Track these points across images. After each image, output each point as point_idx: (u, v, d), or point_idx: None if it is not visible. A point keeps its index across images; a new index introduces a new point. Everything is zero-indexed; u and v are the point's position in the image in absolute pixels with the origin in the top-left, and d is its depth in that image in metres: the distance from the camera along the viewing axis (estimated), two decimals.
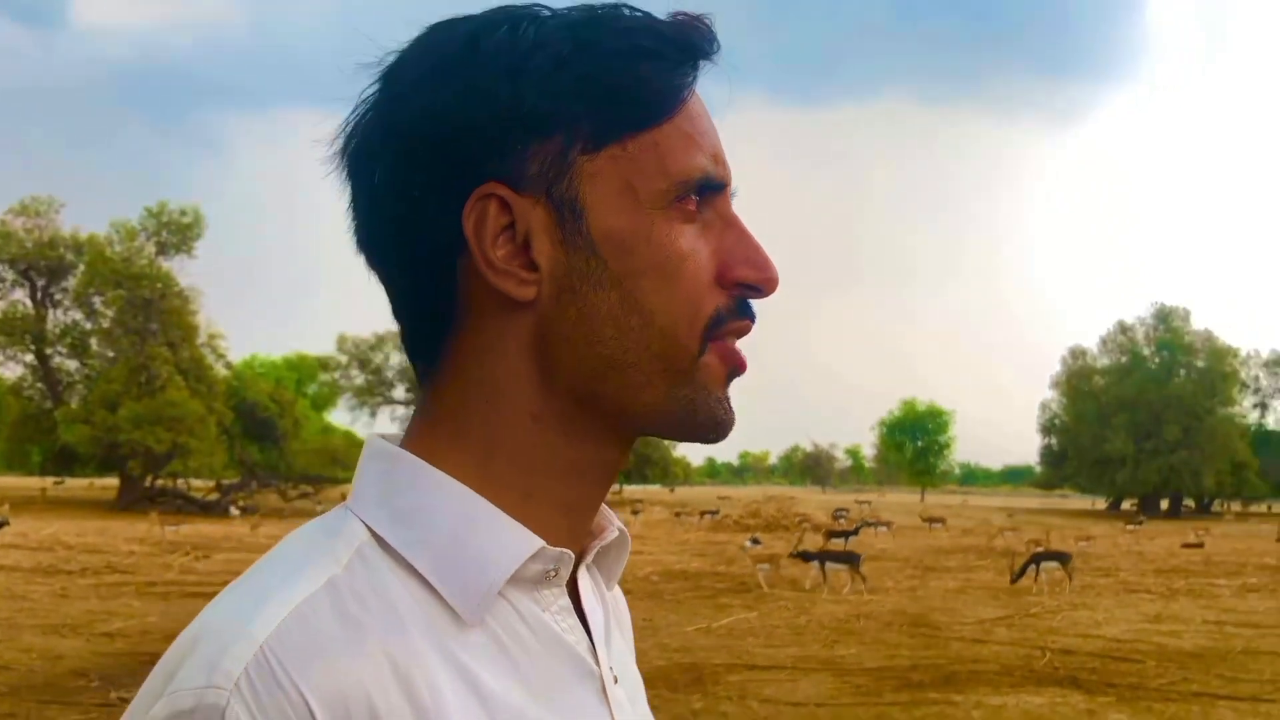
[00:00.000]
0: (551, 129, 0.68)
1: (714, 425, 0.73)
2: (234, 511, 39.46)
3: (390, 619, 0.65)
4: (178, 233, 47.31)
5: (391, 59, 0.72)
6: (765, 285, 0.73)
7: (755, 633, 13.39)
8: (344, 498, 0.74)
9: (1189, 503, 74.06)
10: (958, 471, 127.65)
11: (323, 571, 0.66)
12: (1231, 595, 18.46)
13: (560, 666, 0.71)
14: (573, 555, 0.73)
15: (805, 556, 19.01)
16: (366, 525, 0.69)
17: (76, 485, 64.21)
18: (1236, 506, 73.50)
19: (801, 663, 11.31)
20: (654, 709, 3.36)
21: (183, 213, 47.46)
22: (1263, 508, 73.81)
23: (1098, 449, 69.63)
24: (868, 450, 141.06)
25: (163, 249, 47.36)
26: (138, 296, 45.04)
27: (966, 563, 24.24)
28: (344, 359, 67.90)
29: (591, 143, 0.68)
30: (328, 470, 51.05)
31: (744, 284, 0.72)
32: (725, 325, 0.71)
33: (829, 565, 18.40)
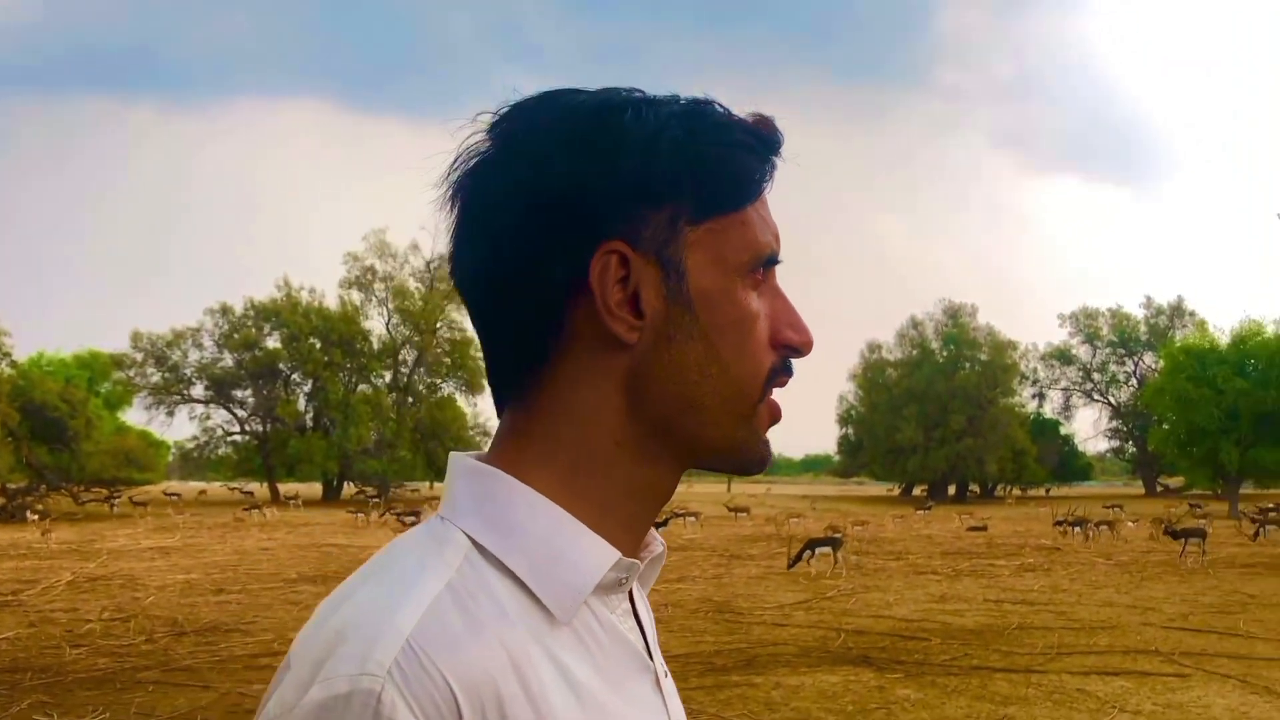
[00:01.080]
0: (665, 200, 0.80)
1: (758, 462, 0.86)
2: (31, 516, 37.15)
3: (501, 617, 0.74)
4: None
5: (505, 120, 0.83)
6: (805, 347, 0.86)
7: None
8: (130, 500, 0.84)
9: (974, 488, 78.32)
10: None
11: (441, 574, 0.74)
12: (1010, 575, 19.72)
13: (627, 661, 0.82)
14: (640, 565, 0.84)
15: None
16: (466, 534, 0.78)
17: None
18: (1017, 491, 77.95)
19: None
20: None
21: None
22: (1040, 491, 78.44)
23: (890, 438, 72.80)
24: None
25: None
26: None
27: (769, 550, 25.08)
28: (139, 356, 64.83)
29: (696, 216, 0.81)
30: (123, 472, 48.76)
31: (789, 345, 0.85)
32: (777, 379, 0.85)
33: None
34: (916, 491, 78.91)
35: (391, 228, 79.74)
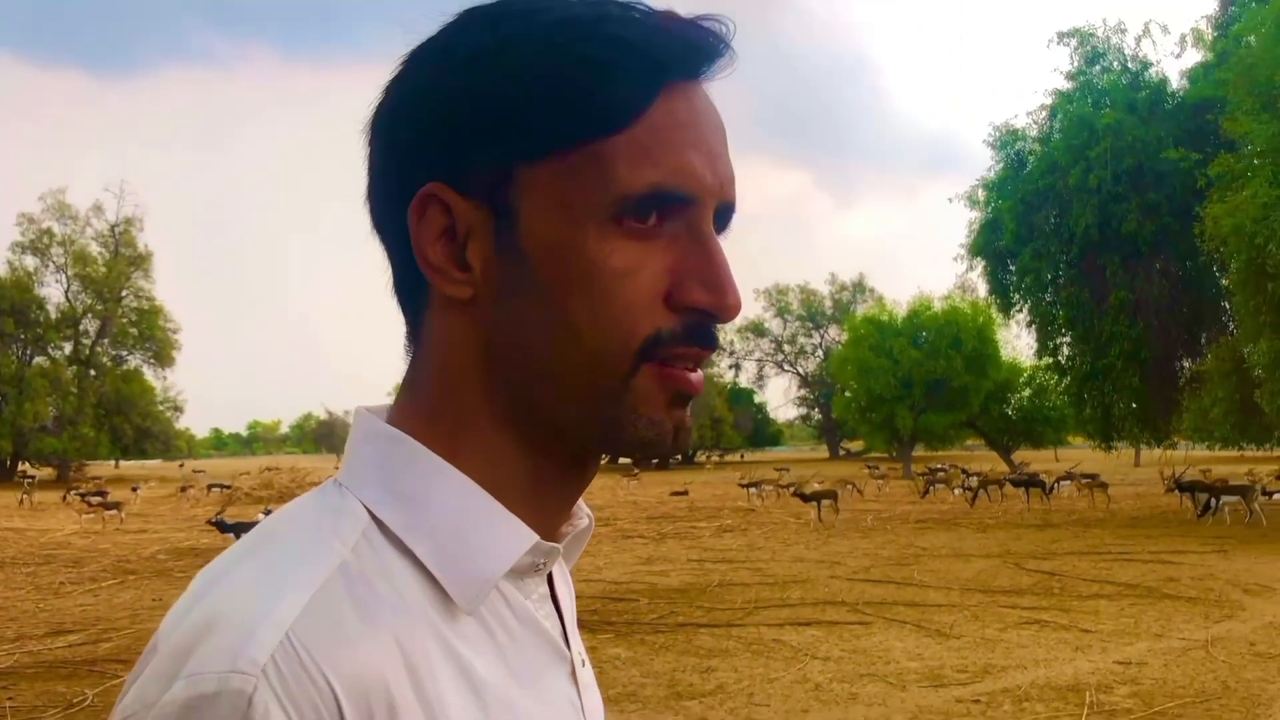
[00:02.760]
0: (495, 136, 0.68)
1: (642, 446, 0.71)
2: None
3: (397, 605, 0.65)
4: None
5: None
6: (719, 311, 0.70)
7: None
8: None
9: (677, 455, 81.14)
10: None
11: (334, 554, 0.65)
12: (711, 535, 20.72)
13: (540, 653, 0.73)
14: (559, 550, 0.75)
15: (221, 526, 18.73)
16: (365, 506, 0.68)
17: None
18: (715, 457, 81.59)
19: None
20: None
21: None
22: (736, 457, 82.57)
23: None
24: None
25: None
26: None
27: None
28: None
29: (532, 153, 0.68)
30: None
31: (694, 307, 0.69)
32: (666, 348, 0.69)
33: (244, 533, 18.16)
34: (622, 460, 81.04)
35: (71, 188, 74.17)
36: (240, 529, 17.86)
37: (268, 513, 20.94)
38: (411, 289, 0.74)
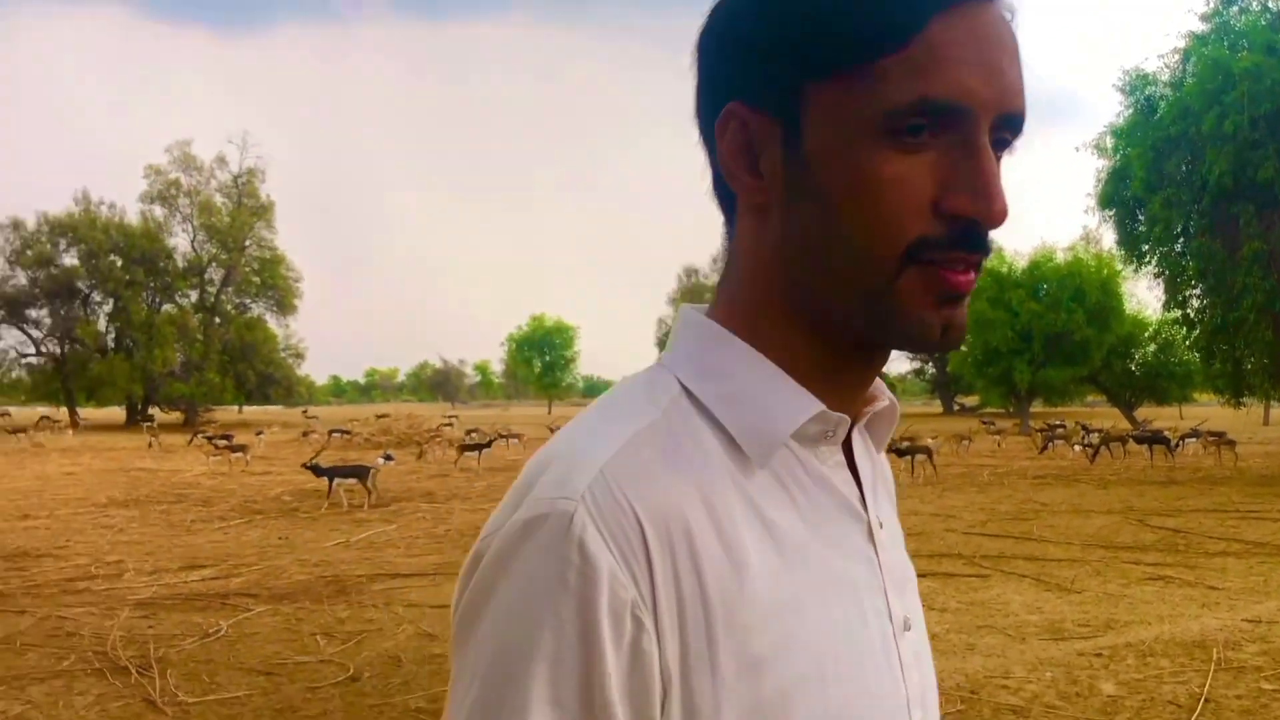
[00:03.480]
0: (786, 57, 0.77)
1: (908, 342, 0.80)
2: None
3: (699, 458, 0.77)
4: None
5: None
6: (983, 217, 0.76)
7: (395, 544, 13.58)
8: None
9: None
10: (581, 384, 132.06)
11: (647, 414, 0.78)
12: None
13: (832, 508, 0.83)
14: (848, 420, 0.84)
15: (316, 470, 18.82)
16: (679, 380, 0.81)
17: None
18: None
19: (443, 568, 11.64)
20: (298, 621, 3.73)
21: None
22: None
23: None
24: (496, 366, 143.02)
25: None
26: None
27: None
28: None
29: (817, 72, 0.76)
30: None
31: (959, 214, 0.75)
32: (933, 252, 0.76)
33: (338, 480, 18.41)
34: None
35: (197, 140, 76.35)
36: (335, 473, 18.34)
37: (388, 456, 21.62)
38: (725, 195, 0.85)
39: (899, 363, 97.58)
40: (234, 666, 7.62)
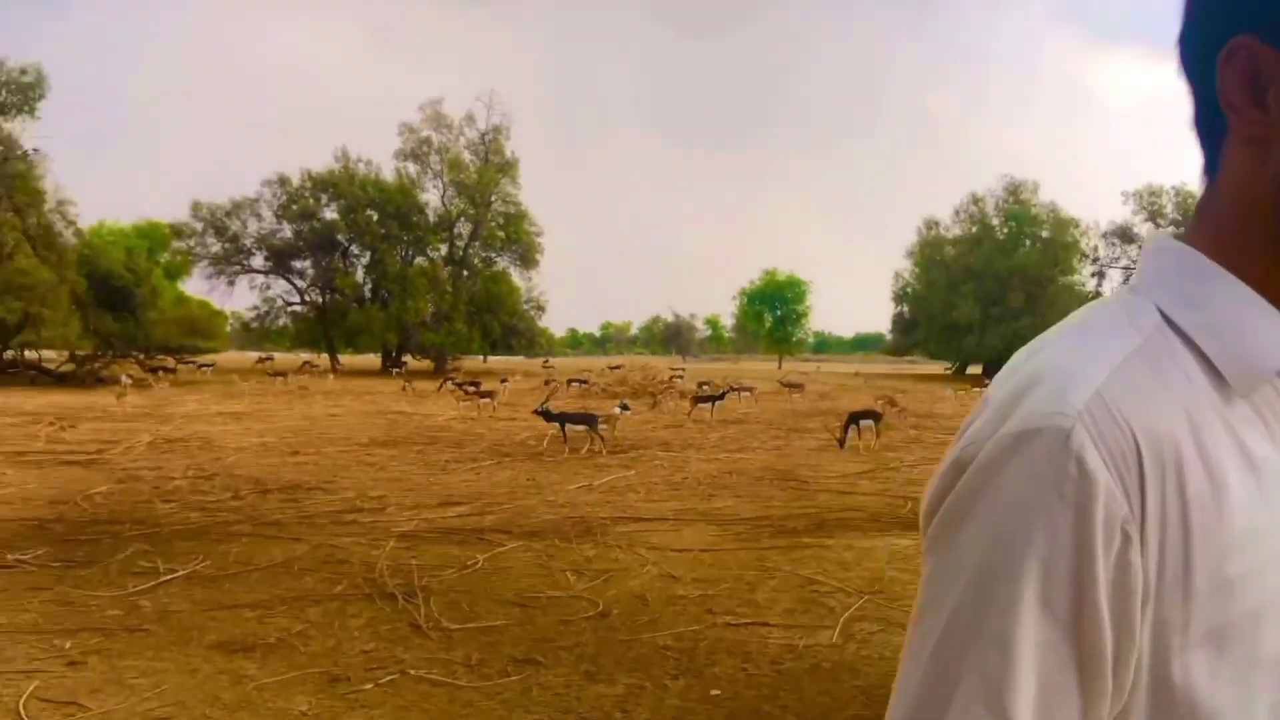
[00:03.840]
0: None
1: None
2: (125, 380, 37.98)
3: (1184, 382, 0.77)
4: (18, 92, 44.47)
5: None
6: None
7: (635, 489, 13.91)
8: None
9: None
10: (812, 340, 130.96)
11: (1132, 338, 0.78)
12: None
13: None
14: None
15: (547, 416, 19.27)
16: (1157, 307, 0.81)
17: None
18: None
19: (682, 514, 11.87)
20: (548, 558, 3.84)
21: (23, 71, 44.56)
22: None
23: (946, 316, 72.19)
24: (727, 320, 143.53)
25: (2, 110, 44.56)
26: None
27: (826, 424, 25.27)
28: (199, 226, 65.59)
29: None
30: (186, 340, 49.73)
31: None
32: None
33: (569, 426, 18.88)
34: (970, 370, 78.75)
35: (447, 99, 79.49)
36: (565, 418, 18.85)
37: (624, 406, 22.12)
38: (1211, 126, 0.83)
39: None
40: (491, 597, 8.00)
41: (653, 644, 6.84)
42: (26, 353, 46.83)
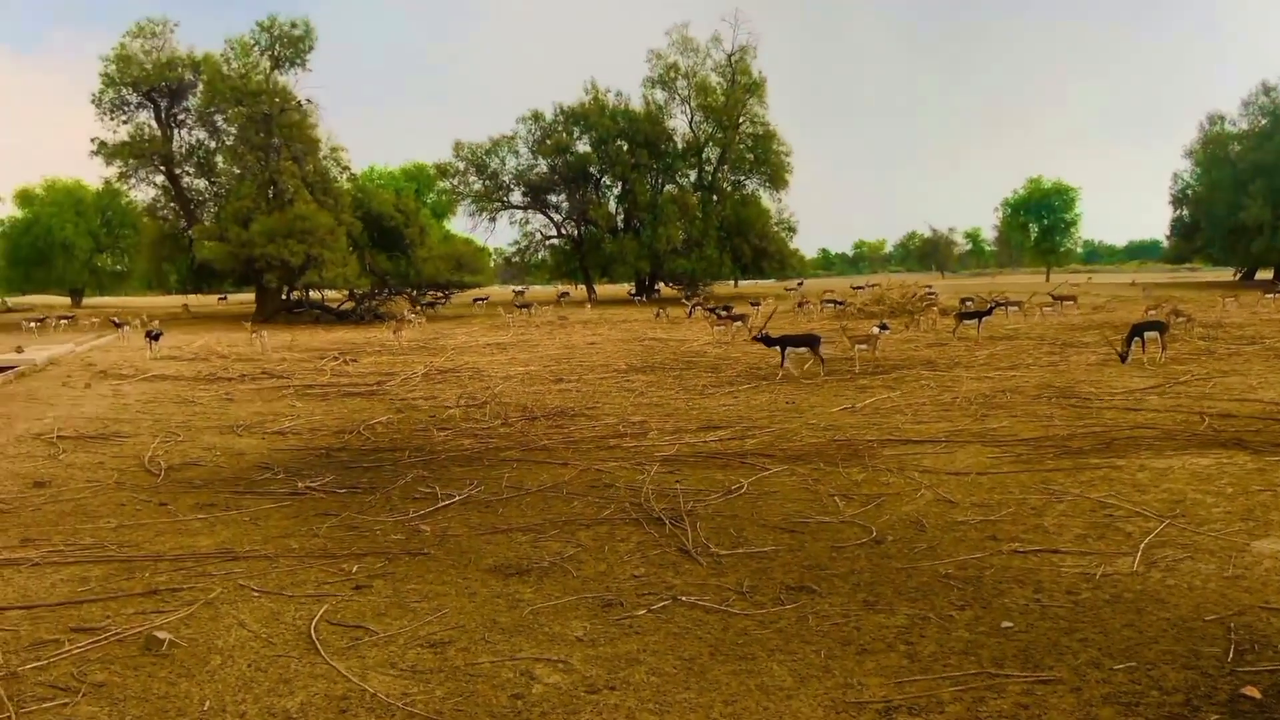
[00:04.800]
0: None
1: None
2: (410, 316, 40.20)
3: None
4: (290, 45, 47.18)
5: None
6: None
7: (901, 411, 13.38)
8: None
9: None
10: (1081, 250, 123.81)
11: None
12: None
13: None
14: None
15: (766, 341, 18.47)
16: None
17: (205, 301, 66.60)
18: None
19: (955, 436, 11.29)
20: (814, 482, 3.36)
21: (293, 25, 47.24)
22: None
23: (1233, 218, 66.57)
24: (988, 234, 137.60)
25: (277, 63, 47.38)
26: (257, 112, 45.36)
27: (1104, 337, 23.72)
28: (461, 165, 68.10)
29: None
30: (454, 276, 51.87)
31: None
32: None
33: (789, 349, 18.14)
34: (1260, 276, 72.54)
35: (693, 21, 78.95)
36: (786, 342, 18.22)
37: (883, 326, 21.44)
38: None
39: None
40: (758, 523, 7.80)
41: (933, 572, 6.45)
42: (310, 293, 50.04)
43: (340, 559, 7.10)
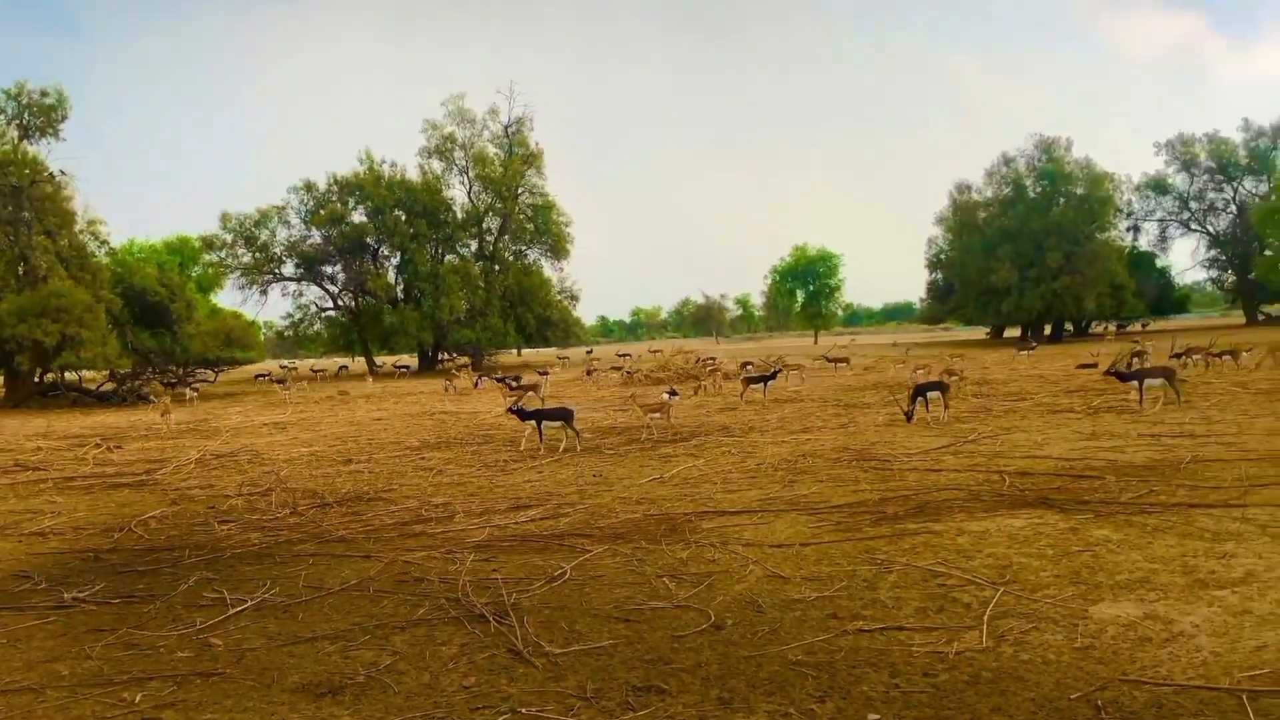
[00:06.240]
0: None
1: None
2: (190, 394, 37.87)
3: None
4: (41, 114, 44.00)
5: None
6: None
7: (709, 479, 13.12)
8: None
9: (1068, 326, 76.39)
10: (842, 313, 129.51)
11: None
12: (1157, 410, 18.78)
13: None
14: None
15: (521, 415, 17.98)
16: None
17: None
18: (1113, 327, 75.44)
19: (769, 505, 11.06)
20: (639, 562, 2.71)
21: (43, 93, 44.08)
22: (1137, 327, 75.88)
23: (983, 280, 70.90)
24: (757, 299, 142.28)
25: (26, 132, 44.08)
26: (5, 184, 42.00)
27: (885, 398, 24.39)
28: (228, 238, 65.21)
29: None
30: (224, 352, 49.26)
31: None
32: None
33: (545, 422, 17.70)
34: (1007, 334, 77.41)
35: (469, 94, 78.85)
36: (541, 415, 17.86)
37: (672, 392, 21.31)
38: None
39: (1194, 273, 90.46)
40: (589, 613, 7.25)
41: (782, 659, 6.06)
42: (66, 374, 46.45)
43: (120, 685, 6.13)
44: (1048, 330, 73.13)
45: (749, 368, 36.62)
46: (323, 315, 68.69)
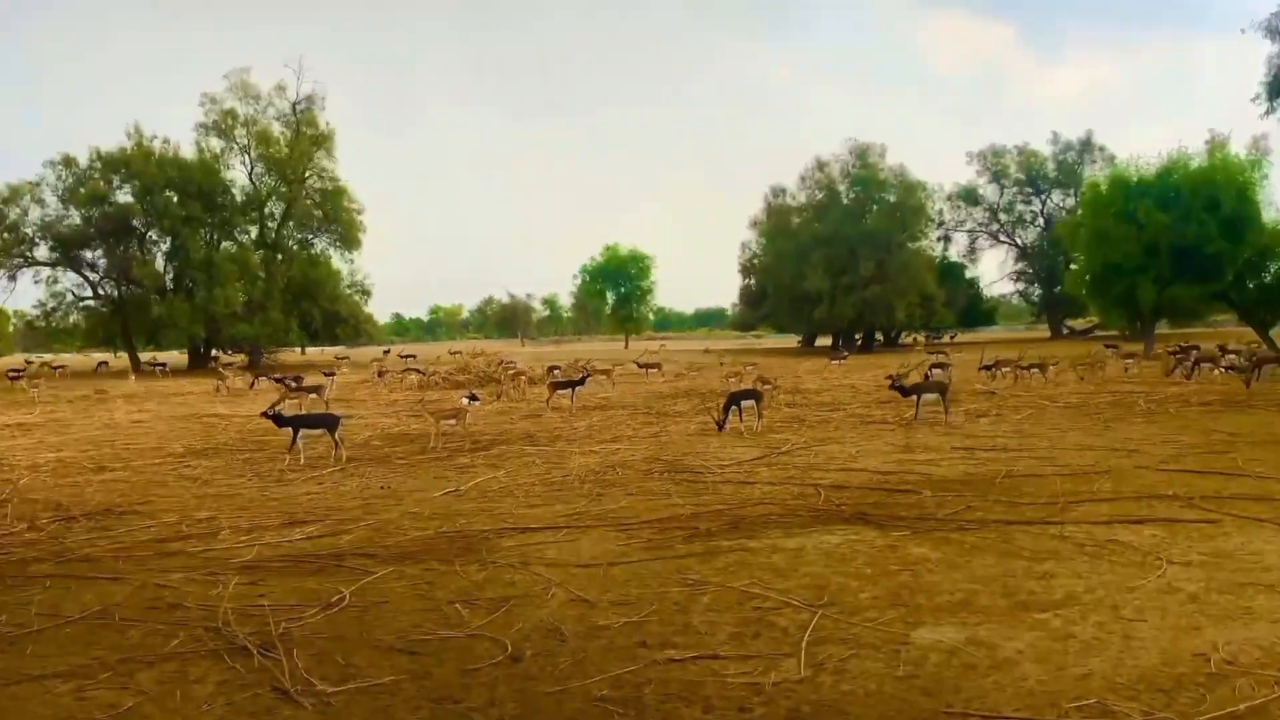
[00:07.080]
0: None
1: None
2: None
3: None
4: None
5: None
6: None
7: (511, 492, 12.75)
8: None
9: (879, 336, 79.17)
10: (653, 318, 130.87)
11: None
12: (964, 421, 19.42)
13: None
14: None
15: (278, 420, 17.01)
16: None
17: None
18: (923, 338, 78.54)
19: (575, 520, 10.77)
20: (429, 585, 2.31)
21: None
22: (946, 338, 79.16)
23: (796, 287, 72.72)
24: (565, 300, 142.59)
25: None
26: None
27: (697, 406, 24.50)
28: None
29: None
30: None
31: None
32: None
33: (303, 430, 16.81)
34: (819, 342, 79.68)
35: (255, 68, 75.96)
36: (299, 422, 16.90)
37: (472, 397, 20.81)
38: None
39: (1001, 284, 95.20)
40: (370, 644, 6.78)
41: (585, 695, 5.76)
42: None
43: None
44: (859, 339, 75.63)
45: (556, 372, 36.34)
46: (80, 305, 64.88)
